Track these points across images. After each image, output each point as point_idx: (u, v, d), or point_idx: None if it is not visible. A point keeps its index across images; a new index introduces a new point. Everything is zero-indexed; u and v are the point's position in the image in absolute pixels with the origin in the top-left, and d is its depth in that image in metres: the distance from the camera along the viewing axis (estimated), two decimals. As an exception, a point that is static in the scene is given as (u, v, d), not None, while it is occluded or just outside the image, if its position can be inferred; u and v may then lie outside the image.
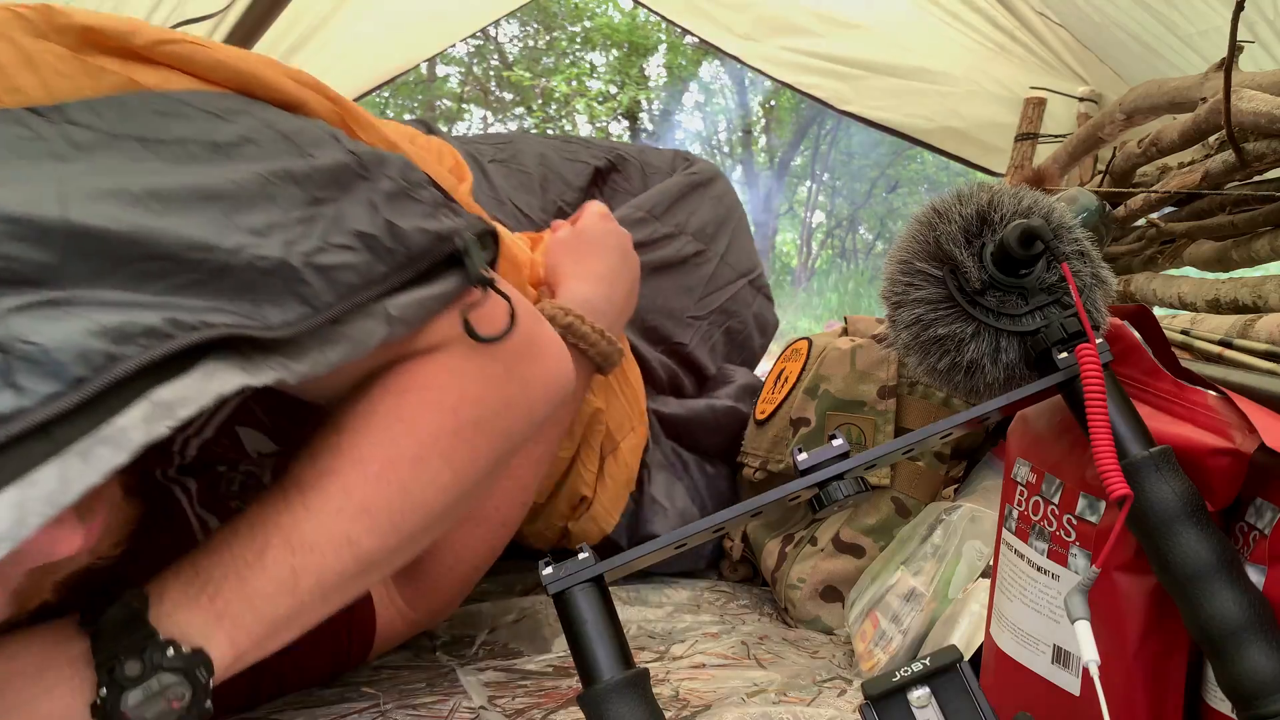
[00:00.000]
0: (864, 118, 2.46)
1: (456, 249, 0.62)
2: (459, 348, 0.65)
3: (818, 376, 1.12)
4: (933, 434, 0.55)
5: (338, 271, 0.55)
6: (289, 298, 0.53)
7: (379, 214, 0.60)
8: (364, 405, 0.63)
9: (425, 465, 0.63)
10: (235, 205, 0.54)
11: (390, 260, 0.59)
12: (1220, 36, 1.25)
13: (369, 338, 0.57)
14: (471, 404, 0.65)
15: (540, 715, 0.79)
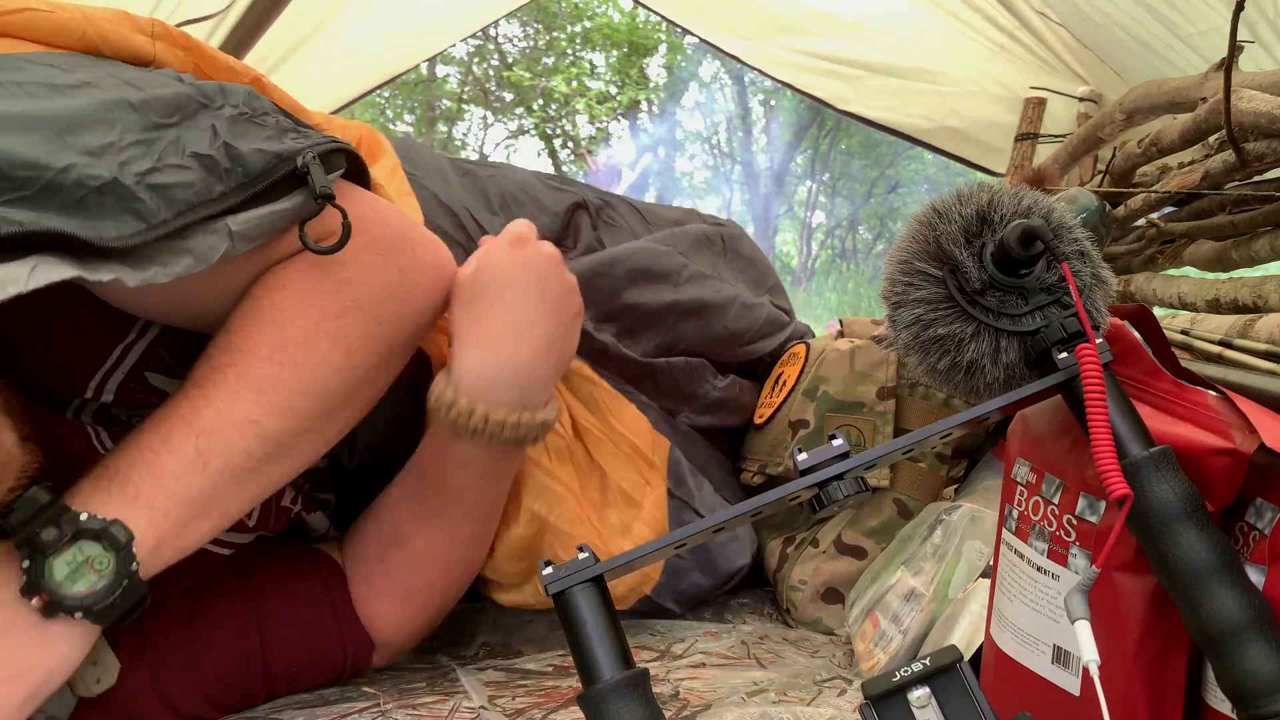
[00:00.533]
0: (864, 118, 2.45)
1: (297, 168, 0.65)
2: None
3: (816, 378, 1.12)
4: (933, 434, 0.55)
5: (173, 190, 0.58)
6: (123, 214, 0.56)
7: (218, 138, 0.62)
8: (248, 304, 0.67)
9: (314, 346, 0.67)
10: (68, 126, 0.57)
11: (228, 180, 0.62)
12: (1220, 36, 1.25)
13: (211, 252, 0.60)
14: (351, 286, 0.69)
15: (540, 715, 0.79)
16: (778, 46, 2.42)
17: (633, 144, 11.85)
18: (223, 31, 1.96)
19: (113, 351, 0.70)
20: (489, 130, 12.20)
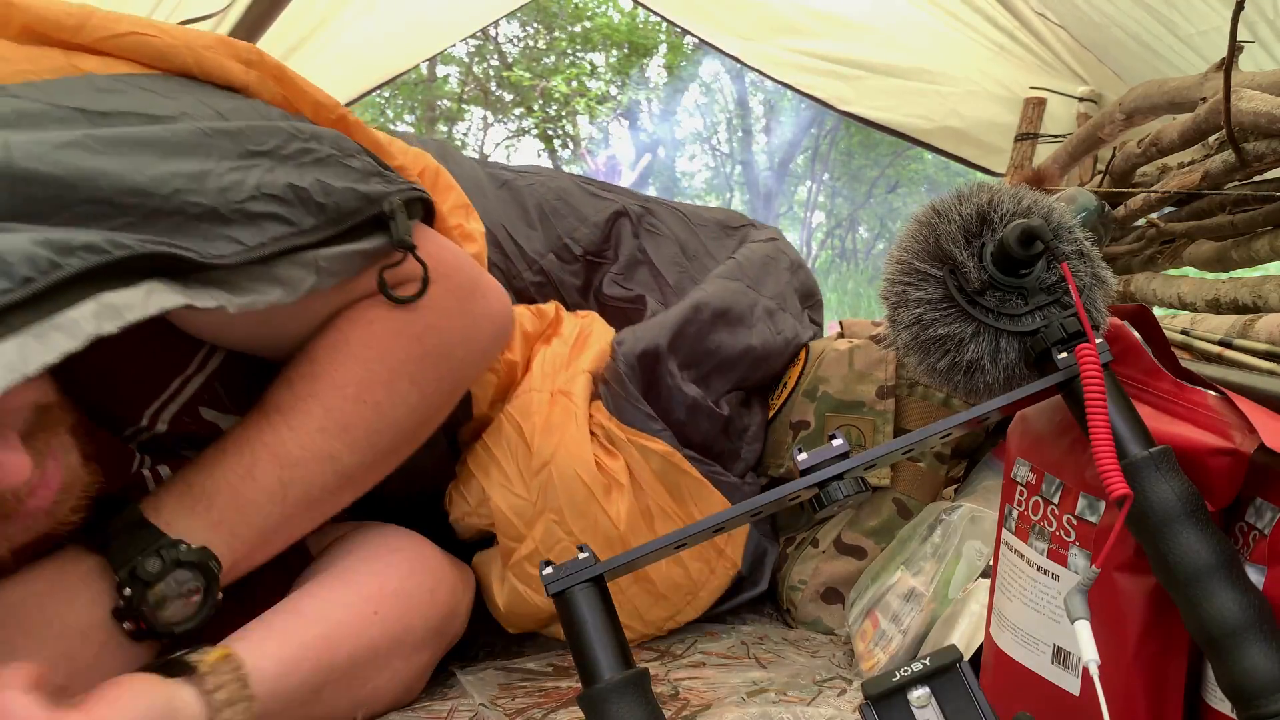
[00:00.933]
0: (864, 118, 2.46)
1: (383, 211, 0.68)
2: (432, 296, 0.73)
3: (816, 378, 1.12)
4: (933, 434, 0.55)
5: (266, 220, 0.61)
6: (220, 240, 0.58)
7: (311, 173, 0.65)
8: (335, 337, 0.69)
9: (396, 387, 0.71)
10: (171, 151, 0.59)
11: (320, 215, 0.64)
12: (1220, 36, 1.25)
13: (300, 284, 0.63)
14: (435, 332, 0.73)
15: (540, 715, 0.79)
16: (777, 47, 2.42)
17: (632, 144, 11.84)
18: (223, 31, 1.96)
19: (172, 383, 0.71)
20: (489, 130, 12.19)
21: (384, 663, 0.74)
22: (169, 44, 0.67)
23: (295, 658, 0.67)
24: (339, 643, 0.70)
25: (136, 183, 0.56)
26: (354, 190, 0.67)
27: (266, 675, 0.64)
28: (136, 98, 0.63)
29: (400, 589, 0.76)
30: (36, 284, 0.48)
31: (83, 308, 0.49)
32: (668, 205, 1.22)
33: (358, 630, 0.72)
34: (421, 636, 0.78)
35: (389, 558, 0.77)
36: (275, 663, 0.66)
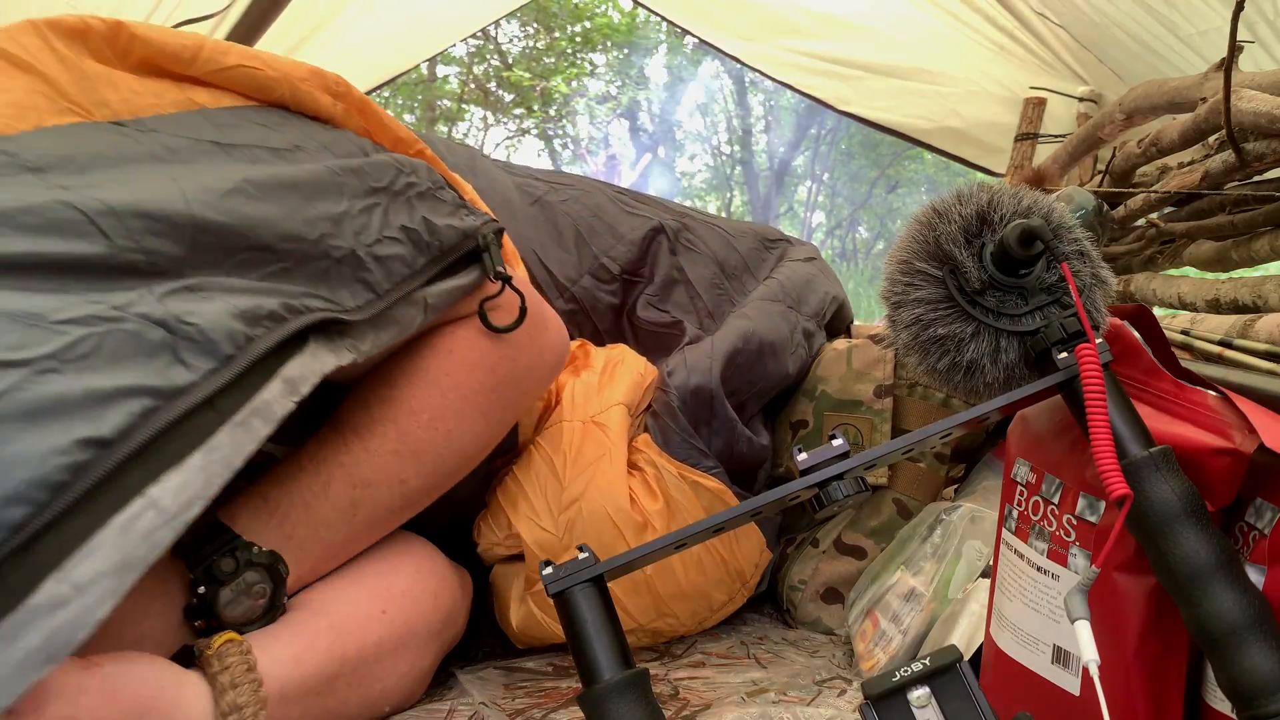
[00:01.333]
0: (864, 118, 2.46)
1: (479, 245, 0.70)
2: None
3: (815, 378, 1.12)
4: (932, 434, 0.55)
5: (391, 262, 0.64)
6: (356, 284, 0.61)
7: (416, 212, 0.67)
8: (414, 363, 0.72)
9: (466, 416, 0.73)
10: (312, 193, 0.61)
11: (428, 253, 0.66)
12: (1220, 36, 1.25)
13: (411, 323, 0.66)
14: (507, 363, 0.76)
15: (540, 715, 0.79)
16: (777, 47, 2.42)
17: (632, 144, 11.84)
18: (223, 31, 1.96)
19: None
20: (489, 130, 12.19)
21: (391, 662, 0.75)
22: (271, 77, 0.69)
23: (306, 646, 0.68)
24: (347, 637, 0.71)
25: (290, 229, 0.58)
26: (453, 226, 0.69)
27: (279, 659, 0.65)
28: (252, 132, 0.65)
29: (407, 590, 0.77)
30: (238, 363, 0.50)
31: (273, 387, 0.52)
32: (704, 220, 1.19)
33: (366, 627, 0.72)
34: (425, 638, 0.78)
35: (395, 560, 0.78)
36: (287, 647, 0.66)
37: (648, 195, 1.21)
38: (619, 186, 1.19)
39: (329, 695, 0.69)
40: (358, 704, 0.73)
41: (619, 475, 0.91)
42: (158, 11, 1.81)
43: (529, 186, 1.11)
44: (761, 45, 2.44)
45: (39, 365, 0.44)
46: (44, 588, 0.42)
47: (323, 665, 0.68)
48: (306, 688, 0.67)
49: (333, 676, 0.70)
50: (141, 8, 1.78)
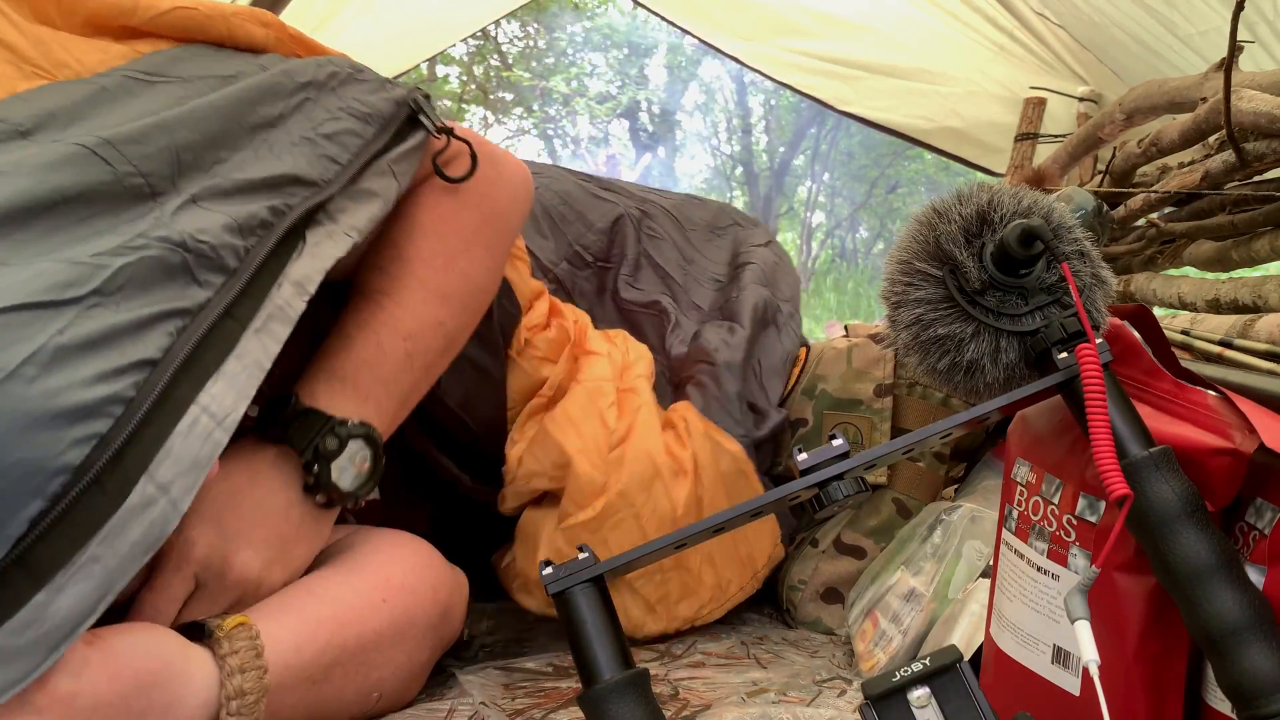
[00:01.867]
0: (864, 118, 2.45)
1: (412, 109, 0.75)
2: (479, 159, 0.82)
3: (815, 377, 1.12)
4: (932, 434, 0.55)
5: (342, 136, 0.68)
6: (320, 162, 0.65)
7: (347, 93, 0.72)
8: (408, 222, 0.79)
9: (472, 253, 0.81)
10: (260, 97, 0.66)
11: (374, 123, 0.71)
12: (1220, 36, 1.25)
13: (389, 192, 0.71)
14: (488, 200, 0.83)
15: (540, 715, 0.79)
16: (777, 47, 2.42)
17: (632, 144, 11.84)
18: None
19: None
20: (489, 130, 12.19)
21: (389, 652, 0.75)
22: (207, 15, 0.73)
23: (309, 632, 0.69)
24: (348, 624, 0.72)
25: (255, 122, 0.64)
26: (384, 98, 0.74)
27: (281, 646, 0.66)
28: (200, 65, 0.70)
29: (405, 582, 0.78)
30: (243, 274, 0.55)
31: (283, 291, 0.57)
32: (662, 207, 1.24)
33: (366, 615, 0.74)
34: (423, 629, 0.79)
35: (394, 552, 0.80)
36: (291, 634, 0.68)
37: (611, 180, 1.26)
38: (583, 173, 1.24)
39: (325, 684, 0.70)
40: (353, 692, 0.73)
41: (656, 425, 0.97)
42: (158, 11, 1.80)
43: None
44: (761, 45, 2.44)
45: (89, 301, 0.49)
46: (136, 490, 0.48)
47: (321, 654, 0.69)
48: (304, 676, 0.68)
49: (330, 665, 0.70)
50: (141, 8, 1.78)
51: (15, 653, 0.47)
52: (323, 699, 0.71)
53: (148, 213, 0.54)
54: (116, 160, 0.55)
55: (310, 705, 0.70)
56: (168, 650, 0.60)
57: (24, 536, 0.45)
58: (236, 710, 0.62)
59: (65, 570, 0.46)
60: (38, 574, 0.46)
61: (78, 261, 0.50)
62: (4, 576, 0.45)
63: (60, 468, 0.46)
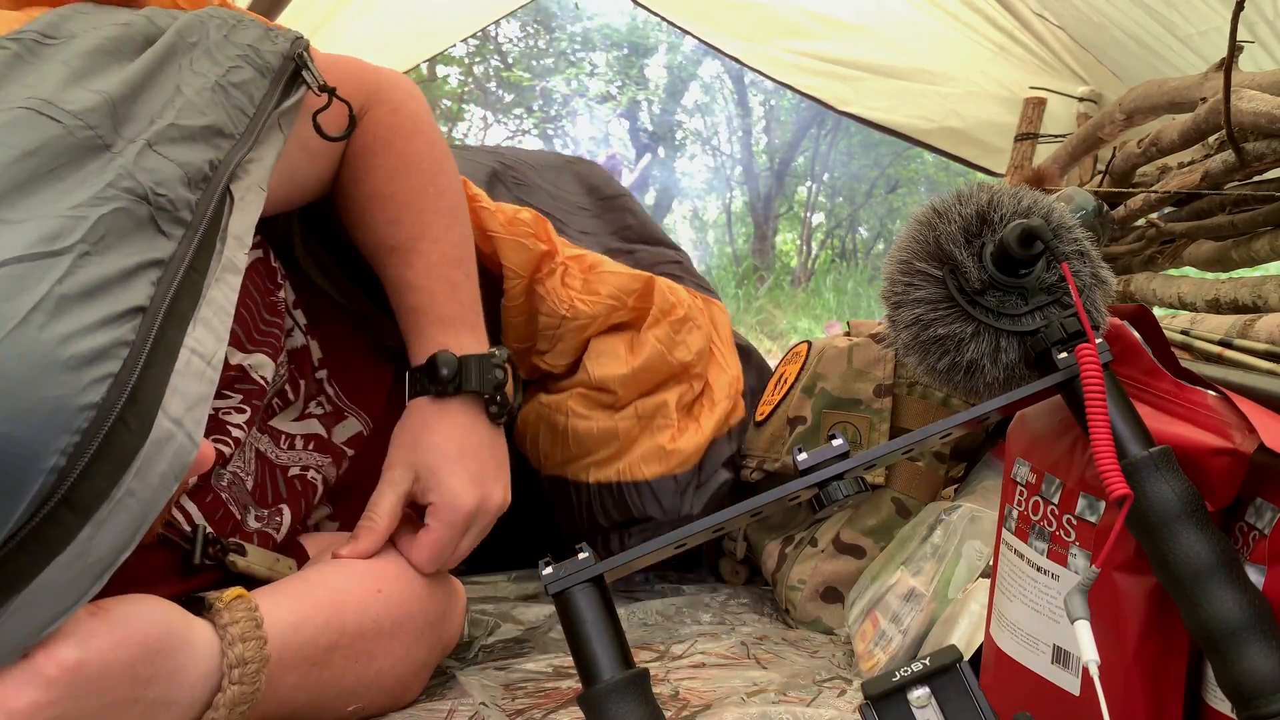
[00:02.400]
0: (864, 118, 2.45)
1: (297, 64, 0.75)
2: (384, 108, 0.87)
3: (815, 375, 1.12)
4: (932, 434, 0.55)
5: (247, 85, 0.69)
6: (234, 113, 0.66)
7: (241, 36, 0.72)
8: (383, 173, 0.84)
9: (444, 168, 0.87)
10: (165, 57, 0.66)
11: (268, 74, 0.71)
12: (1220, 36, 1.25)
13: (278, 146, 0.71)
14: (415, 118, 0.88)
15: (540, 715, 0.79)
16: (777, 47, 2.42)
17: (633, 144, 11.84)
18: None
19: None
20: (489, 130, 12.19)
21: (388, 643, 0.76)
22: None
23: (307, 613, 0.70)
24: (345, 609, 0.73)
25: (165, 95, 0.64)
26: (272, 50, 0.73)
27: (280, 623, 0.67)
28: (89, 20, 0.68)
29: (401, 574, 0.79)
30: (196, 227, 0.56)
31: (230, 245, 0.59)
32: (516, 157, 1.32)
33: (363, 603, 0.75)
34: (422, 625, 0.80)
35: (388, 550, 0.81)
36: (288, 613, 0.69)
37: (468, 145, 1.32)
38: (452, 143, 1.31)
39: (325, 668, 0.71)
40: (353, 680, 0.74)
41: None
42: (158, 11, 1.80)
43: None
44: (761, 45, 2.44)
45: (78, 250, 0.51)
46: (156, 425, 0.51)
47: (320, 634, 0.70)
48: (303, 655, 0.69)
49: (330, 648, 0.71)
50: (141, 8, 1.78)
51: (64, 586, 0.49)
52: (323, 684, 0.71)
53: (106, 164, 0.56)
54: (62, 116, 0.56)
55: (310, 689, 0.70)
56: (171, 619, 0.61)
57: (66, 470, 0.47)
58: (238, 679, 0.63)
59: (106, 504, 0.49)
60: (82, 510, 0.48)
61: (59, 215, 0.52)
62: (53, 515, 0.48)
63: (84, 405, 0.48)
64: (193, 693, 0.62)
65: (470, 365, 0.82)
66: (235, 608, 0.65)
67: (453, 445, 0.80)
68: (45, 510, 0.47)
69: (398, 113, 0.86)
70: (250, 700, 0.64)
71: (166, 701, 0.60)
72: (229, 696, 0.63)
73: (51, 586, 0.49)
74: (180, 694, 0.61)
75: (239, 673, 0.63)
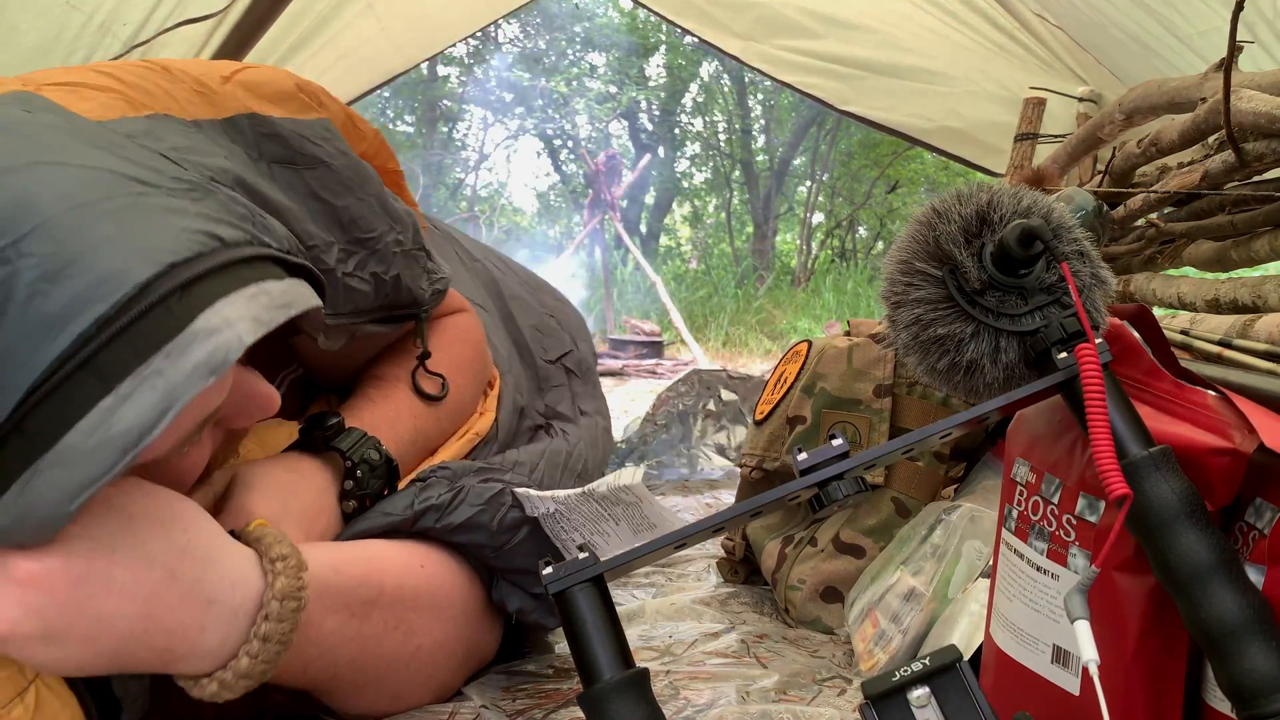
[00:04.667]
0: (864, 118, 2.46)
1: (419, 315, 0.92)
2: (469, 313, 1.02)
3: (815, 375, 1.12)
4: (932, 434, 0.55)
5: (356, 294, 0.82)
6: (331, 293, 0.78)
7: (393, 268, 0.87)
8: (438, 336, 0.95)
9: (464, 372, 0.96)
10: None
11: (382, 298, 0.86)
12: (1219, 36, 1.25)
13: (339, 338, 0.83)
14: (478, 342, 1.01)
15: (540, 715, 0.79)
16: (777, 47, 2.43)
17: (632, 144, 11.84)
18: (223, 31, 1.96)
19: (276, 378, 0.92)
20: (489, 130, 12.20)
21: (429, 619, 0.77)
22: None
23: (345, 561, 0.71)
24: (386, 571, 0.74)
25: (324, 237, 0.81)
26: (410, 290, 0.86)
27: (319, 563, 0.67)
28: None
29: (446, 560, 0.80)
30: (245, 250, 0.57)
31: (284, 284, 0.60)
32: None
33: (402, 572, 0.76)
34: (459, 616, 0.80)
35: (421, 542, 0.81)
36: (328, 556, 0.70)
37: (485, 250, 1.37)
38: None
39: (364, 621, 0.71)
40: (392, 650, 0.74)
41: None
42: (157, 11, 1.81)
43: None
44: (761, 45, 2.45)
45: (166, 189, 0.56)
46: (202, 317, 0.52)
47: (360, 584, 0.71)
48: (342, 601, 0.69)
49: (369, 602, 0.71)
50: (141, 8, 1.78)
51: (85, 455, 0.49)
52: (364, 639, 0.71)
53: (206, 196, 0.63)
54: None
55: (351, 643, 0.70)
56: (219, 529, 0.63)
57: (91, 337, 0.48)
58: (281, 570, 0.62)
59: (132, 379, 0.49)
60: (106, 378, 0.49)
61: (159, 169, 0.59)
62: (76, 379, 0.48)
63: (134, 278, 0.50)
64: (233, 592, 0.60)
65: (351, 432, 0.81)
66: (264, 532, 0.64)
67: (285, 480, 0.76)
68: (66, 369, 0.48)
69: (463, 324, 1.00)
70: (298, 599, 0.62)
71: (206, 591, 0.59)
72: (279, 588, 0.61)
73: (76, 451, 0.49)
74: (220, 591, 0.59)
75: (282, 565, 0.62)
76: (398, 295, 0.85)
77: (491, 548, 0.81)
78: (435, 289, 0.90)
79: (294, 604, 0.61)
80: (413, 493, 0.80)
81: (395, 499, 0.80)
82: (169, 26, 1.85)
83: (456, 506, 0.80)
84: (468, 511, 0.80)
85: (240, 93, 0.78)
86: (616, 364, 5.00)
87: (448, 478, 0.82)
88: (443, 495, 0.80)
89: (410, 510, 0.78)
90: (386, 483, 0.82)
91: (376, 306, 0.83)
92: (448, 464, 0.85)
